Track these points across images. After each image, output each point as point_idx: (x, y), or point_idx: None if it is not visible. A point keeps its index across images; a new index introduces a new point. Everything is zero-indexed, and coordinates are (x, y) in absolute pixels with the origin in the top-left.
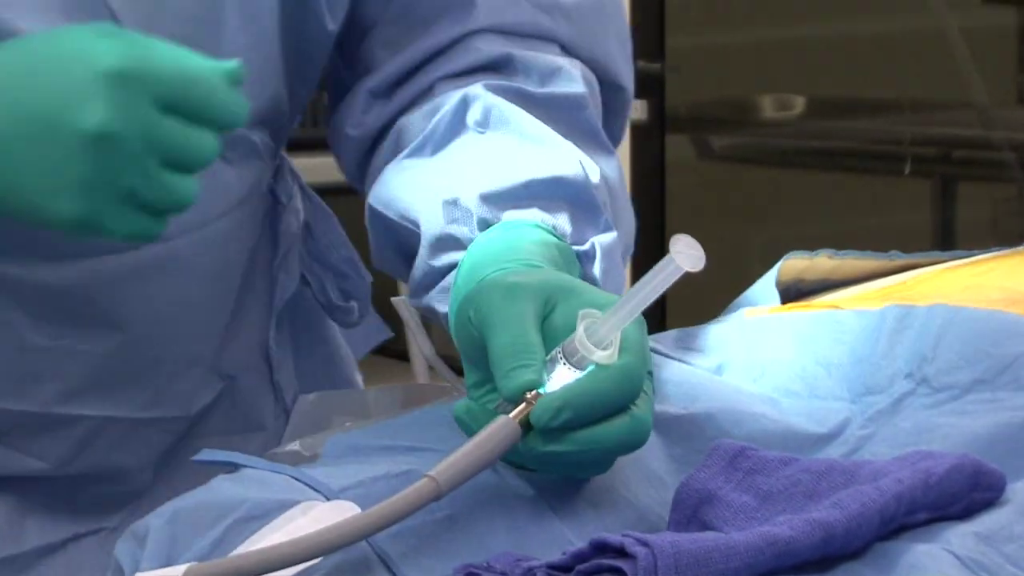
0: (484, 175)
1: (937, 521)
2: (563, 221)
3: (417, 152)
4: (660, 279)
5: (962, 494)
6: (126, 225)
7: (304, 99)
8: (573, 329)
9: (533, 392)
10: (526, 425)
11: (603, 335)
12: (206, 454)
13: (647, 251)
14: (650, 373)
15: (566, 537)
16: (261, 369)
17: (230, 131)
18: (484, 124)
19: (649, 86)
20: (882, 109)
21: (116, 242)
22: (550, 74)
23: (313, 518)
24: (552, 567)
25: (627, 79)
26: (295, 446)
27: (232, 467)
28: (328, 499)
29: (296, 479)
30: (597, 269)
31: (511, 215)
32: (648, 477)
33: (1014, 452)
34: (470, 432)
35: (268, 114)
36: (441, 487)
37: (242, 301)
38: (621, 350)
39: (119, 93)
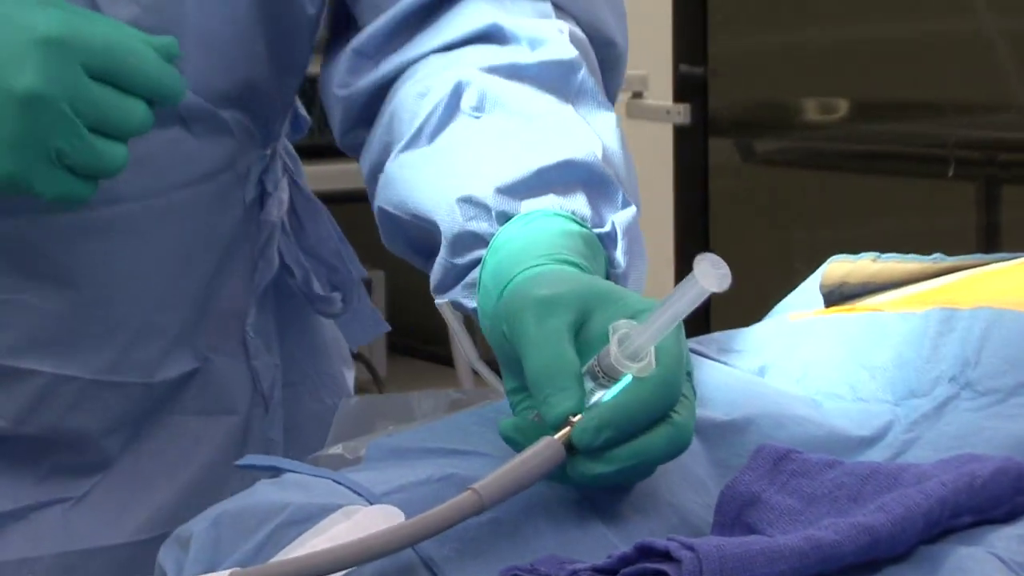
0: (493, 166)
1: (981, 524)
2: (581, 205)
3: (414, 143)
4: (685, 301)
5: (1006, 497)
6: (55, 186)
7: (292, 87)
8: (607, 339)
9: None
10: (569, 445)
11: (636, 348)
12: (250, 459)
13: (690, 255)
14: (689, 374)
15: (610, 541)
16: (238, 353)
17: (167, 104)
18: (480, 108)
19: (692, 90)
20: (926, 112)
21: (48, 202)
22: (541, 39)
23: (355, 522)
24: (597, 570)
25: (619, 35)
26: (338, 449)
27: (275, 472)
28: (371, 503)
29: (338, 483)
30: (619, 250)
31: (528, 205)
32: (692, 481)
33: None
34: (518, 448)
35: (243, 96)
36: (484, 502)
37: (221, 282)
38: (657, 360)
39: (51, 58)
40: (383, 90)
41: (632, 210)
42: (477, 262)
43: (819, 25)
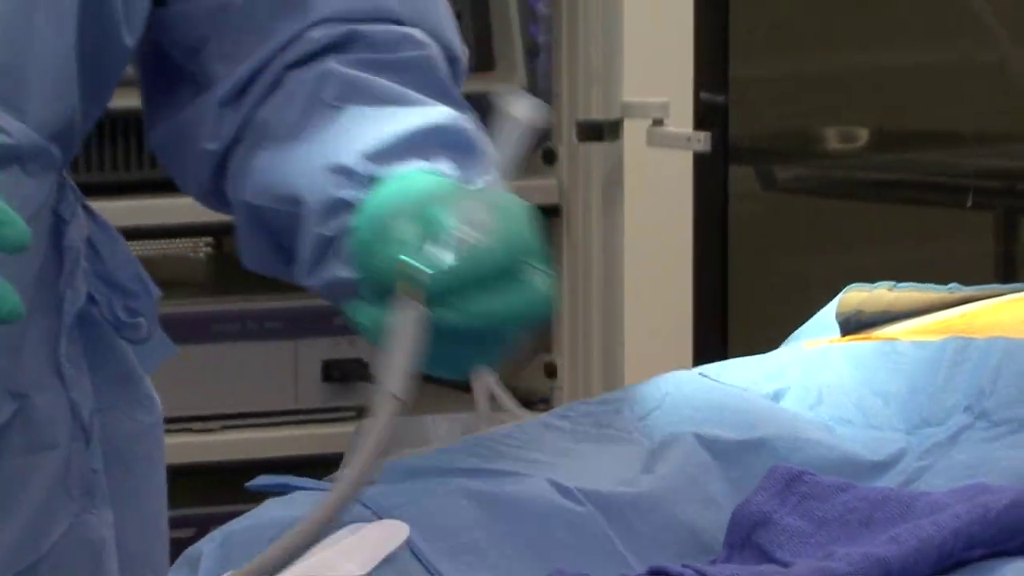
0: (359, 137)
1: (995, 556)
2: (447, 167)
3: (281, 139)
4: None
5: (1021, 529)
6: None
7: (93, 117)
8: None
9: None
10: (428, 297)
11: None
12: (260, 480)
13: (708, 282)
14: (543, 263)
15: (620, 552)
16: (55, 386)
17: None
18: (342, 98)
19: (712, 118)
20: (946, 141)
21: None
22: (396, 43)
23: (362, 537)
24: None
25: (459, 49)
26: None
27: (284, 490)
28: (380, 518)
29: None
30: None
31: (396, 169)
32: (705, 500)
33: None
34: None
35: (63, 127)
36: (406, 400)
37: (33, 317)
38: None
39: None
40: (249, 121)
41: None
42: (347, 231)
43: (840, 53)
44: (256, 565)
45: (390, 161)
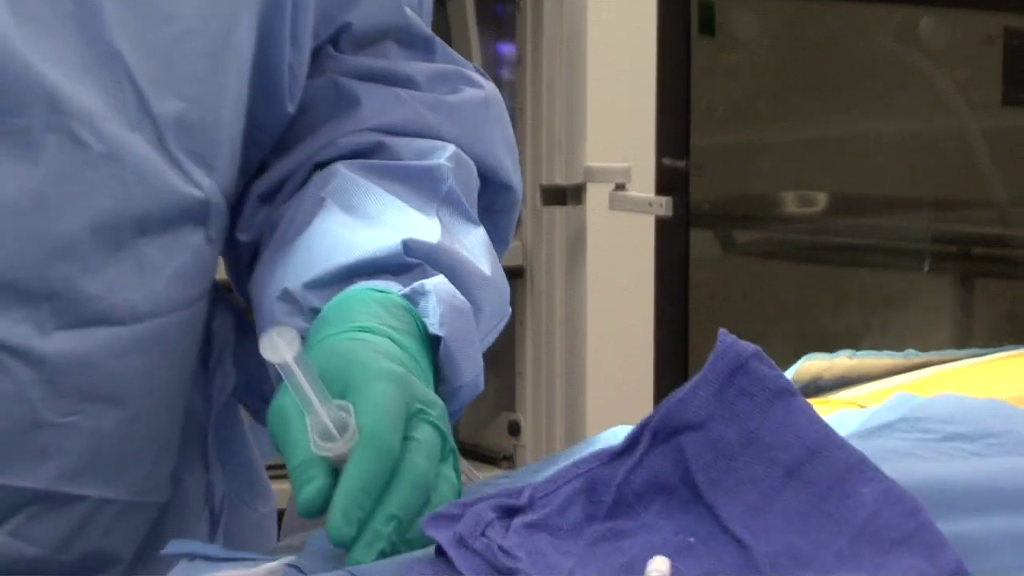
0: (310, 262)
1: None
2: (390, 284)
3: (278, 241)
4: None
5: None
6: None
7: (239, 189)
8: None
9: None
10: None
11: (322, 428)
12: (174, 545)
13: (669, 345)
14: (432, 419)
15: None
16: (199, 468)
17: None
18: (328, 194)
19: (674, 183)
20: (904, 206)
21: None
22: (421, 155)
23: None
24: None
25: (514, 179)
26: (290, 540)
27: (192, 557)
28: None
29: (246, 557)
30: (432, 306)
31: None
32: None
33: (979, 497)
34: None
35: (233, 193)
36: None
37: (189, 399)
38: (358, 423)
39: None
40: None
41: (442, 279)
42: None
43: (800, 120)
44: None
45: (332, 292)
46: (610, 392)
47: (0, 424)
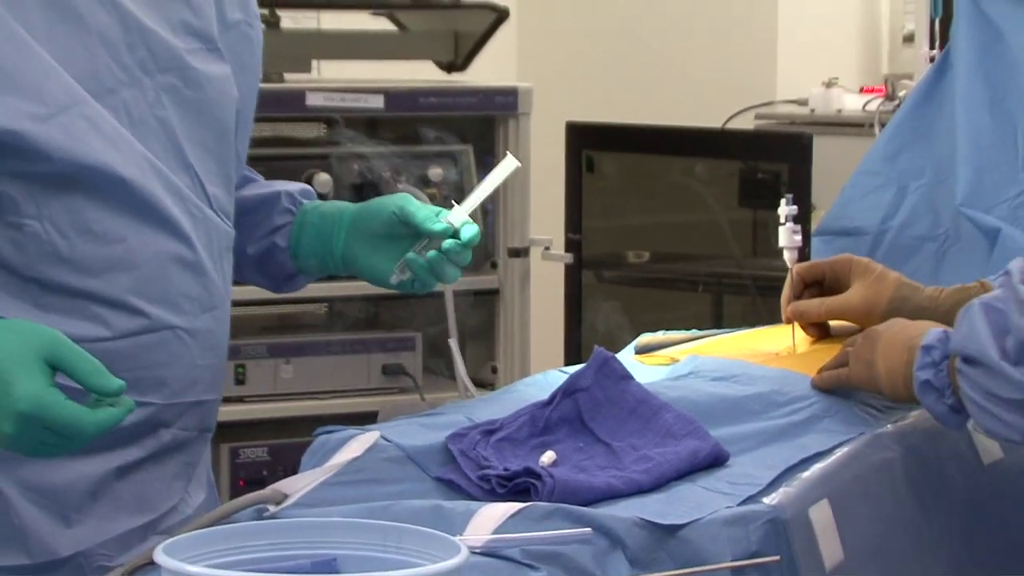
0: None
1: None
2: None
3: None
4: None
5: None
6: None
7: None
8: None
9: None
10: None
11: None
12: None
13: (572, 328)
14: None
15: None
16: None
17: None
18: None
19: (573, 246)
20: (689, 258)
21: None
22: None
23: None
24: (501, 477)
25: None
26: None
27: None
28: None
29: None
30: None
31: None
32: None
33: (726, 412)
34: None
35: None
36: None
37: None
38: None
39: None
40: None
41: None
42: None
43: (637, 214)
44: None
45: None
46: (542, 354)
47: (179, 367)
